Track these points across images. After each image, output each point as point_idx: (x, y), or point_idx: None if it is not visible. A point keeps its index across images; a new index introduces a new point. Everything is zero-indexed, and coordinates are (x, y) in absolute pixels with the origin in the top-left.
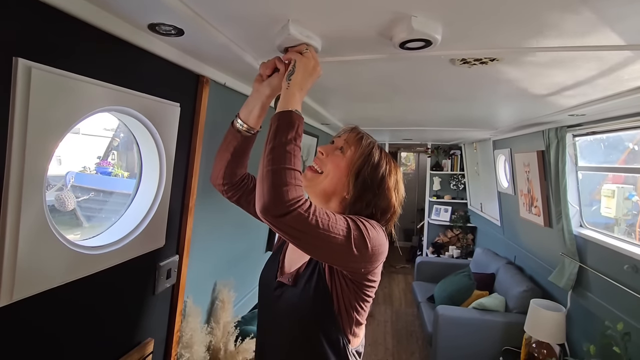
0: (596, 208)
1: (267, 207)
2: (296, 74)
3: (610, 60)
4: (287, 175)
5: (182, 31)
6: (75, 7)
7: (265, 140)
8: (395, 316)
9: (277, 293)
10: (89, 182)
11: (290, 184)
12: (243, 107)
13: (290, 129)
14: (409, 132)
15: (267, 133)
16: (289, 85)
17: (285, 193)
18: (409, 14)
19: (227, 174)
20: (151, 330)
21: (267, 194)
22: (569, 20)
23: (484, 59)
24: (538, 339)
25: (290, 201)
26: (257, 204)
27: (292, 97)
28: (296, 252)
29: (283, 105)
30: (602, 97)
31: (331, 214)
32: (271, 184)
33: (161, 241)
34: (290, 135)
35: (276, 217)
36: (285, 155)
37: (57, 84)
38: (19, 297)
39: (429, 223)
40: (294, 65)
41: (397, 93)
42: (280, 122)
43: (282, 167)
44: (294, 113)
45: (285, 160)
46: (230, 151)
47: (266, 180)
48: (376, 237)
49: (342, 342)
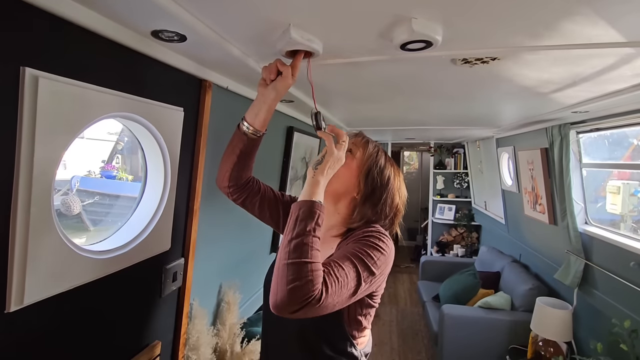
0: (601, 205)
1: (279, 306)
2: (324, 165)
3: (613, 57)
4: (304, 269)
5: (185, 37)
6: (80, 16)
7: (287, 227)
8: (400, 316)
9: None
10: (94, 186)
11: (306, 280)
12: (249, 110)
13: (310, 220)
14: (411, 132)
15: (289, 217)
16: (314, 174)
17: (295, 293)
18: (409, 16)
19: (233, 176)
20: (158, 333)
21: (281, 292)
22: (570, 18)
23: (485, 58)
24: (545, 337)
25: (300, 301)
26: (271, 299)
27: (316, 186)
28: None
29: (306, 194)
30: (605, 94)
31: (342, 273)
32: (285, 280)
33: (167, 244)
34: (309, 226)
35: (287, 313)
36: (303, 248)
37: (64, 92)
38: (29, 301)
39: (433, 222)
40: (324, 155)
41: (399, 93)
42: (301, 212)
43: (298, 262)
44: (316, 203)
45: (303, 253)
46: (236, 154)
47: (282, 275)
48: (384, 264)
49: (349, 346)
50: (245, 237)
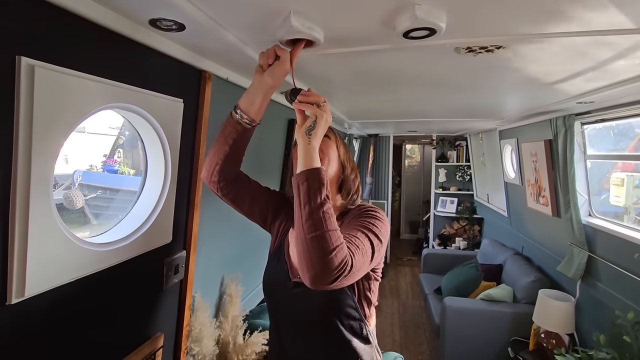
0: (605, 197)
1: (318, 279)
2: (317, 129)
3: (620, 45)
4: (332, 239)
5: (183, 26)
6: (76, 5)
7: (297, 198)
8: (402, 308)
9: (296, 292)
10: (96, 180)
11: (336, 249)
12: (243, 98)
13: (322, 188)
14: (413, 124)
15: (296, 189)
16: (310, 140)
17: (332, 261)
18: (412, 1)
19: (223, 169)
20: (161, 325)
21: (317, 265)
22: (577, 5)
23: (489, 47)
24: (547, 329)
25: (337, 268)
26: (307, 274)
27: (314, 152)
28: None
29: (307, 162)
30: (612, 84)
31: (358, 242)
32: (318, 253)
33: (168, 237)
34: (323, 194)
35: (326, 284)
36: (324, 217)
37: (61, 82)
38: (30, 293)
39: (435, 215)
40: (315, 120)
41: (401, 84)
42: (311, 182)
43: (325, 231)
44: (321, 170)
45: (326, 223)
46: (229, 144)
47: (313, 248)
48: (386, 232)
49: (363, 327)
50: (247, 229)
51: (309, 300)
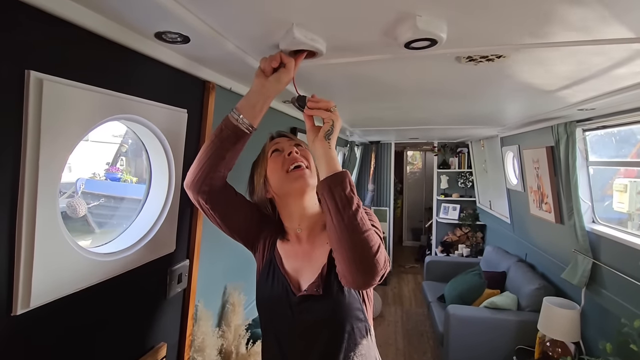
0: (608, 203)
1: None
2: (334, 134)
3: (620, 54)
4: (374, 238)
5: (188, 38)
6: (84, 19)
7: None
8: (405, 316)
9: (302, 308)
10: (99, 188)
11: (379, 247)
12: (243, 102)
13: (354, 190)
14: (415, 131)
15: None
16: (329, 144)
17: (379, 259)
18: (413, 13)
19: (213, 178)
20: (164, 335)
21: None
22: (576, 14)
23: (490, 56)
24: (552, 338)
25: (383, 265)
26: (359, 276)
27: (335, 155)
28: (298, 260)
29: (334, 166)
30: (612, 91)
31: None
32: (367, 253)
33: (172, 246)
34: (357, 196)
35: (374, 283)
36: (364, 218)
37: (68, 94)
38: (35, 304)
39: (437, 222)
40: (332, 125)
41: (402, 92)
42: (345, 185)
43: (368, 231)
44: (348, 172)
45: (366, 223)
46: (227, 149)
47: (362, 249)
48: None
49: (368, 328)
50: None
51: (320, 311)
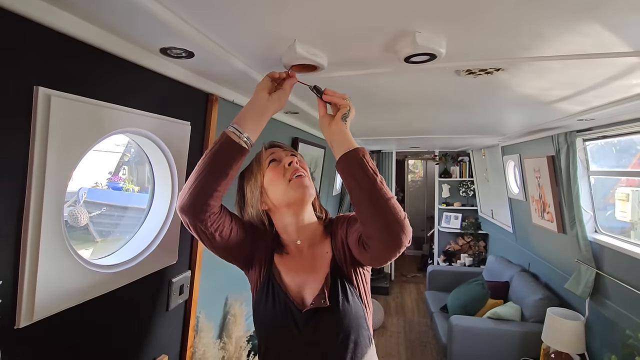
0: (611, 212)
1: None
2: (350, 116)
3: (618, 67)
4: (398, 206)
5: (193, 54)
6: (91, 36)
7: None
8: (408, 327)
9: (311, 323)
10: (101, 198)
11: (404, 214)
12: (246, 118)
13: (373, 164)
14: (416, 141)
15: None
16: (346, 125)
17: (407, 225)
18: (413, 30)
19: (212, 197)
20: (165, 347)
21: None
22: (573, 30)
23: (489, 69)
24: (557, 349)
25: (410, 230)
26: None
27: (350, 135)
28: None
29: (350, 142)
30: (611, 102)
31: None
32: (397, 214)
33: (174, 257)
34: (376, 168)
35: (407, 244)
36: (385, 188)
37: (75, 109)
38: (39, 317)
39: (439, 231)
40: (349, 109)
41: (402, 104)
42: (367, 157)
43: (392, 198)
44: (365, 149)
45: (389, 193)
46: (231, 167)
47: (393, 212)
48: None
49: (370, 336)
50: None
51: (330, 324)
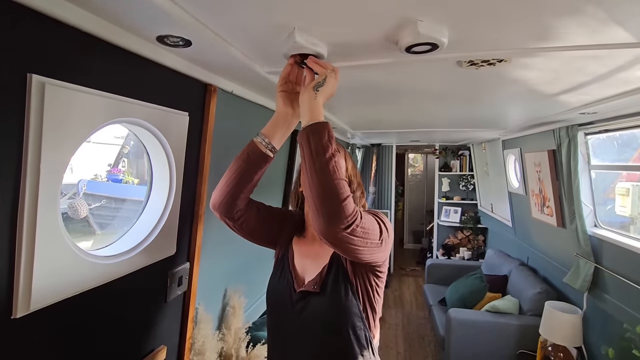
0: (611, 207)
1: (333, 222)
2: (325, 87)
3: (621, 58)
4: (344, 187)
5: (190, 42)
6: (86, 23)
7: (308, 151)
8: (406, 319)
9: (301, 304)
10: (100, 190)
11: (347, 197)
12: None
13: (332, 140)
14: (416, 134)
15: (305, 143)
16: (316, 95)
17: (346, 207)
18: (414, 18)
19: (242, 199)
20: (163, 338)
21: (332, 208)
22: (577, 20)
23: (491, 60)
24: (554, 342)
25: (351, 214)
26: (321, 218)
27: (319, 106)
28: (308, 257)
29: (314, 115)
30: (614, 95)
31: (368, 217)
32: (334, 198)
33: (172, 249)
34: (333, 146)
35: (340, 231)
36: (336, 167)
37: (70, 98)
38: (35, 307)
39: (439, 225)
40: (324, 79)
41: (403, 95)
42: (323, 134)
43: (338, 180)
44: (329, 124)
45: (338, 172)
46: (256, 173)
47: (328, 194)
48: (390, 229)
49: (368, 338)
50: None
51: (315, 308)
